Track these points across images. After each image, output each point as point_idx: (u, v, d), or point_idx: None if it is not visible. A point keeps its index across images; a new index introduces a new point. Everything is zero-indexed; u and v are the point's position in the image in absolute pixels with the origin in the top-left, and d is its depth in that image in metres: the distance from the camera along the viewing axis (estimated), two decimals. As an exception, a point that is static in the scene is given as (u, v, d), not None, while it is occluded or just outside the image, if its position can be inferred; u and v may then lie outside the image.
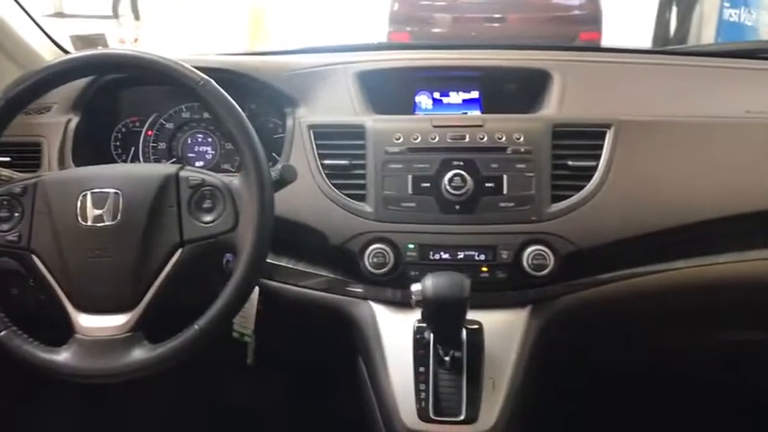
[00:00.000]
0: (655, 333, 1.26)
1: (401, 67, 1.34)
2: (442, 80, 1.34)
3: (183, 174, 0.99)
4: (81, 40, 1.57)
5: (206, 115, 1.31)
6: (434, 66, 1.36)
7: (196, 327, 0.92)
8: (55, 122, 1.25)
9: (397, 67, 1.34)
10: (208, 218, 0.97)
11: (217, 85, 0.96)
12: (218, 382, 1.32)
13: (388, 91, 1.30)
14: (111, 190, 0.96)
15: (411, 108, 1.33)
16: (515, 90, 1.32)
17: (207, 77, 0.96)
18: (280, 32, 6.48)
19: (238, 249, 0.94)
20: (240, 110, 0.96)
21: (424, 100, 1.35)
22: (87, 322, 0.94)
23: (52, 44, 1.45)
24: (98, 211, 0.95)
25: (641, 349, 1.32)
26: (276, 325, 1.16)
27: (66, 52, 1.48)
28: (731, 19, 5.29)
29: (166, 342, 0.93)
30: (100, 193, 0.96)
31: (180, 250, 0.96)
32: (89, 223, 0.95)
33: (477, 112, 1.31)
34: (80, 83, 1.25)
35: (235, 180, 0.98)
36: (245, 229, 0.94)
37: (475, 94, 1.33)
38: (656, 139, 1.16)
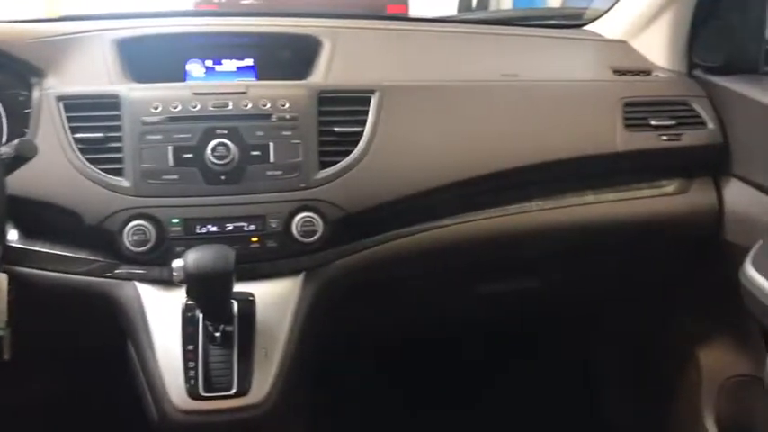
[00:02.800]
0: (424, 291, 1.31)
1: (167, 34, 1.27)
2: (214, 48, 1.29)
3: None
4: None
5: None
6: (203, 32, 1.30)
7: None
8: None
9: (162, 33, 1.27)
10: None
11: None
12: None
13: (156, 60, 1.23)
14: None
15: (182, 77, 1.27)
16: (290, 57, 1.30)
17: None
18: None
19: None
20: None
21: (195, 68, 1.29)
22: None
23: None
24: None
25: (414, 307, 1.37)
26: (36, 315, 1.06)
27: None
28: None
29: None
30: None
31: None
32: None
33: (252, 80, 1.28)
34: None
35: None
36: None
37: (249, 62, 1.29)
38: (419, 103, 1.19)
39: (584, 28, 1.58)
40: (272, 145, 1.09)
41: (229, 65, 1.30)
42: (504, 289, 1.35)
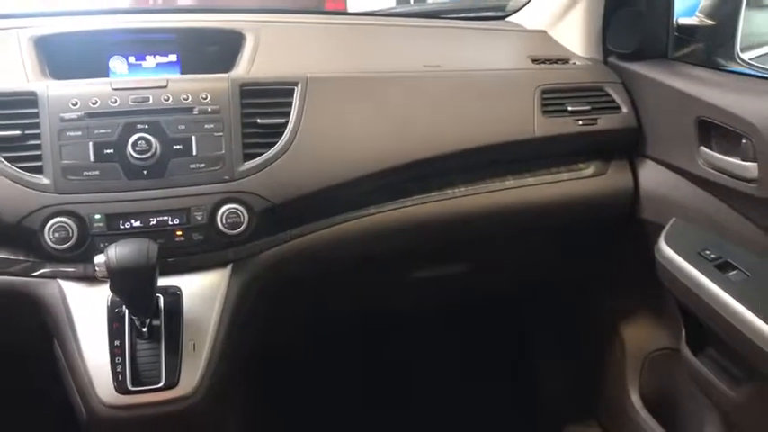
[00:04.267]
0: (356, 280, 1.33)
1: (88, 31, 1.26)
2: (136, 44, 1.29)
3: None
4: None
5: None
6: (125, 28, 1.30)
7: None
8: None
9: (82, 30, 1.26)
10: None
11: None
12: None
13: (77, 57, 1.22)
14: None
15: (105, 74, 1.26)
16: (215, 52, 1.30)
17: None
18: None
19: None
20: None
21: (118, 65, 1.28)
22: None
23: None
24: None
25: (348, 297, 1.39)
26: None
27: None
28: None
29: None
30: None
31: None
32: None
33: (174, 75, 1.28)
34: None
35: None
36: None
37: (173, 58, 1.29)
38: (342, 95, 1.21)
39: (507, 19, 1.62)
40: (194, 138, 1.09)
41: (152, 61, 1.29)
42: (435, 274, 1.38)
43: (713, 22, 1.42)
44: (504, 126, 1.27)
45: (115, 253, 0.94)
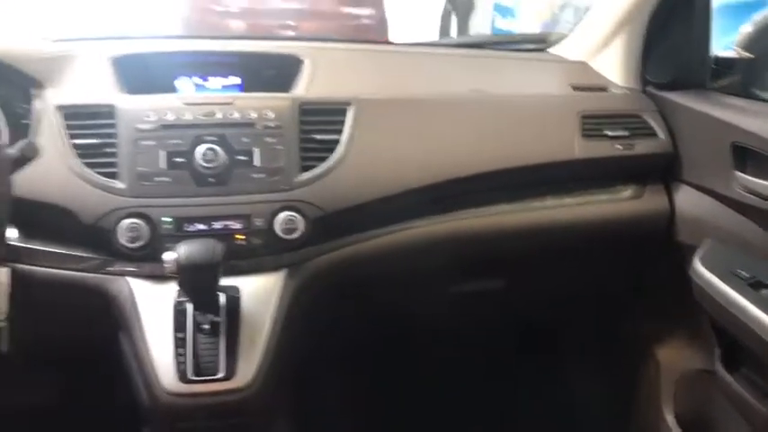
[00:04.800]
0: (398, 290, 1.40)
1: (159, 52, 1.37)
2: (202, 66, 1.38)
3: None
4: None
5: None
6: (193, 50, 1.40)
7: None
8: None
9: (154, 51, 1.36)
10: None
11: None
12: None
13: (147, 76, 1.32)
14: None
15: (173, 93, 1.36)
16: (273, 75, 1.39)
17: None
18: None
19: None
20: None
21: (184, 85, 1.38)
22: None
23: None
24: None
25: (389, 305, 1.45)
26: (32, 310, 1.13)
27: None
28: (501, 27, 5.99)
29: None
30: None
31: None
32: None
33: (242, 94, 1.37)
34: None
35: None
36: None
37: (236, 80, 1.39)
38: (391, 115, 1.29)
39: (548, 51, 1.70)
40: (256, 150, 1.18)
41: (216, 82, 1.39)
42: (473, 289, 1.44)
43: (751, 56, 1.47)
44: (545, 147, 1.34)
45: (185, 250, 1.02)
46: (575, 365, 1.76)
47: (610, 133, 1.38)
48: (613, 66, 1.55)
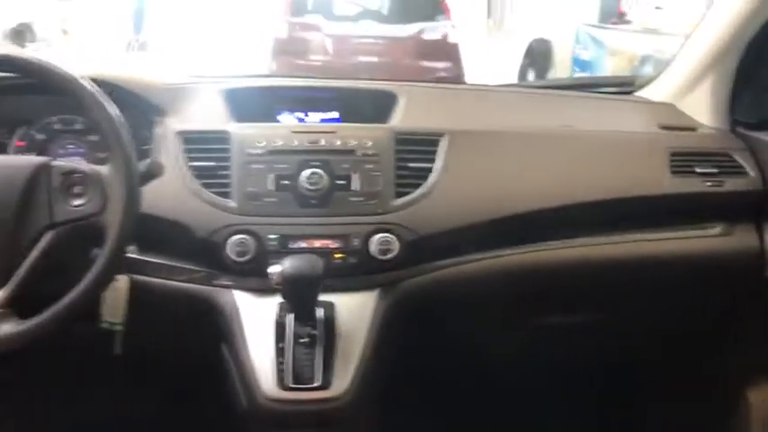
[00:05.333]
0: (483, 317, 1.43)
1: (264, 86, 1.48)
2: (303, 101, 1.48)
3: (54, 163, 1.06)
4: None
5: (77, 126, 1.38)
6: (294, 86, 1.51)
7: (63, 302, 0.99)
8: None
9: (260, 86, 1.48)
10: (77, 202, 1.04)
11: (89, 81, 1.05)
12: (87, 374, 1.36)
13: (253, 110, 1.42)
14: None
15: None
16: (370, 110, 1.47)
17: (79, 74, 1.05)
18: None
19: (106, 230, 1.02)
20: (109, 102, 1.05)
21: (286, 120, 1.48)
22: None
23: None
24: None
25: (472, 333, 1.48)
26: (144, 317, 1.22)
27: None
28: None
29: (35, 317, 0.99)
30: None
31: (50, 232, 1.03)
32: None
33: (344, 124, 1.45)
34: None
35: (104, 168, 1.06)
36: (112, 211, 1.03)
37: (335, 115, 1.48)
38: (483, 146, 1.35)
39: (635, 94, 1.73)
40: (355, 176, 1.26)
41: (316, 117, 1.48)
42: (555, 322, 1.46)
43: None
44: (634, 182, 1.37)
45: (290, 264, 1.10)
46: (660, 406, 1.73)
47: (699, 170, 1.39)
48: (701, 107, 1.56)
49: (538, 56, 7.70)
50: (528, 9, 11.07)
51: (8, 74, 1.18)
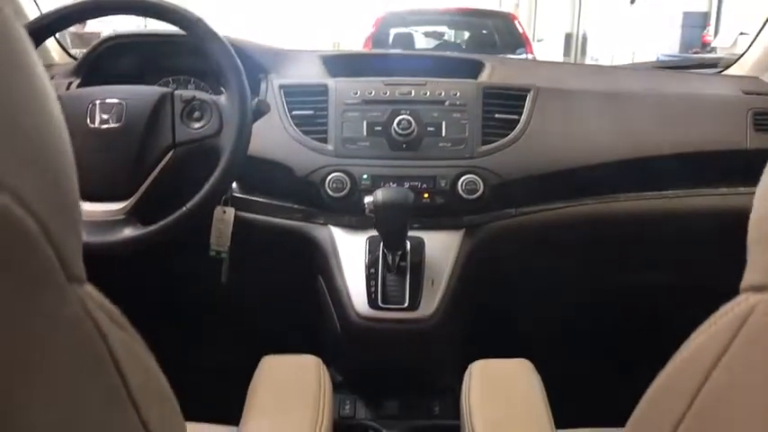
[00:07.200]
0: (560, 266, 1.47)
1: (359, 54, 1.60)
2: (394, 71, 1.58)
3: (177, 91, 1.19)
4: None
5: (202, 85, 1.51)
6: (388, 54, 1.62)
7: (184, 208, 1.10)
8: (58, 84, 1.44)
9: (355, 53, 1.59)
10: (197, 125, 1.17)
11: (208, 24, 1.17)
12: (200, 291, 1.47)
13: (348, 72, 1.53)
14: (116, 100, 1.16)
15: None
16: (459, 74, 1.56)
17: (200, 17, 1.18)
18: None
19: (221, 150, 1.14)
20: (226, 41, 1.17)
21: (379, 79, 1.58)
22: (89, 207, 1.12)
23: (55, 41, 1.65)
24: (105, 116, 1.14)
25: (546, 281, 1.52)
26: (247, 249, 1.33)
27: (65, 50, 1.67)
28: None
29: (157, 222, 1.11)
30: (107, 102, 1.16)
31: (172, 151, 1.15)
32: (96, 125, 1.14)
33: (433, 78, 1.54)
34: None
35: (221, 97, 1.19)
36: (227, 134, 1.14)
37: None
38: (566, 103, 1.41)
39: (722, 74, 1.75)
40: (444, 123, 1.34)
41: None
42: (636, 280, 1.48)
43: None
44: (717, 137, 1.39)
45: (382, 192, 1.18)
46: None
47: None
48: (786, 78, 1.58)
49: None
50: (608, 42, 11.05)
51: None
